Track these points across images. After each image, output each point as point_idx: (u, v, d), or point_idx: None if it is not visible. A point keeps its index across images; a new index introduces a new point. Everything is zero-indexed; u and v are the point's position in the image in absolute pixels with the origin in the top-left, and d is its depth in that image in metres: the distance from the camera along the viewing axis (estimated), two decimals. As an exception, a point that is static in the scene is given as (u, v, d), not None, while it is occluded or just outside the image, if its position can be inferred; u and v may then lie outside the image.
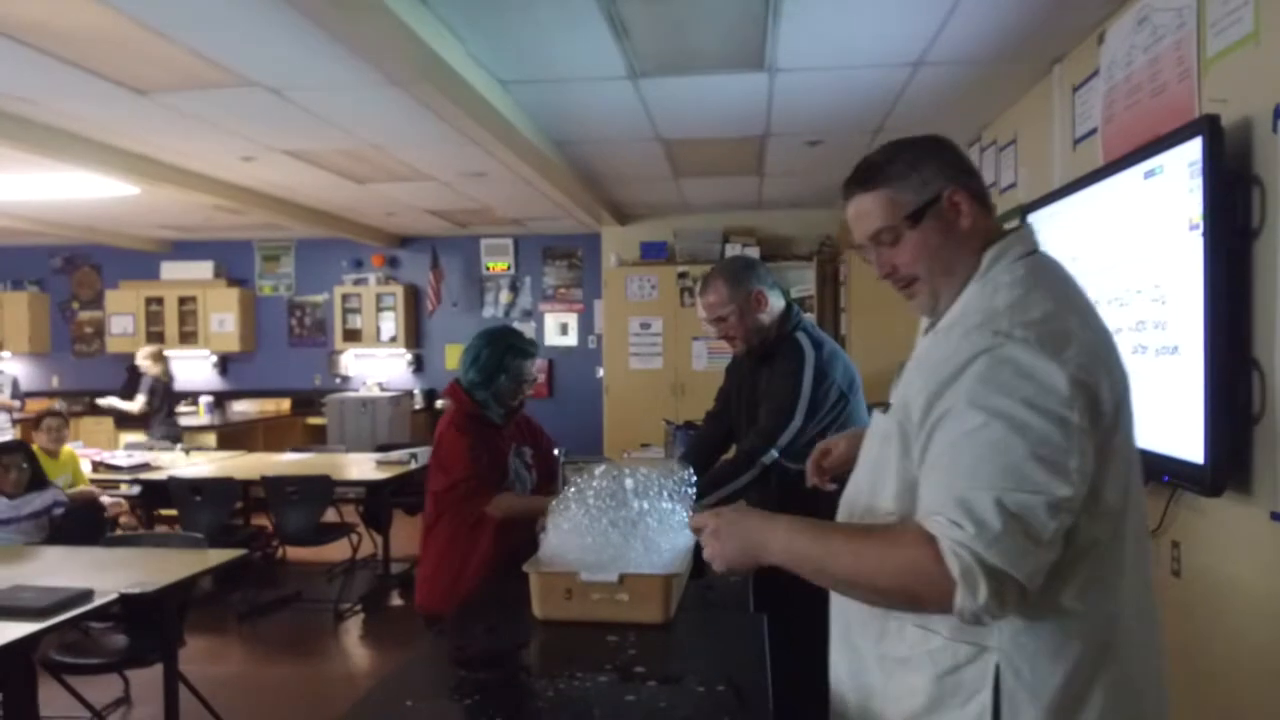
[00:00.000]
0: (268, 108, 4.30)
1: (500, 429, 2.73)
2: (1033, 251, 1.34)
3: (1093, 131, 3.33)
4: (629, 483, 2.03)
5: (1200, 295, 2.29)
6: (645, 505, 2.00)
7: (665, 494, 2.03)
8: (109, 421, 8.55)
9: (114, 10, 3.11)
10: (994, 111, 4.53)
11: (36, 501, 4.13)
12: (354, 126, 4.73)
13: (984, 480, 1.14)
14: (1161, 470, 2.50)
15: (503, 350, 2.67)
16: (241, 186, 6.43)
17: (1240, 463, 2.28)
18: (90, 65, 3.72)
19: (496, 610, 2.05)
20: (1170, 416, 2.44)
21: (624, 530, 1.95)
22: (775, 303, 2.61)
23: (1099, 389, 1.18)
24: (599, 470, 2.07)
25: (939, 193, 1.32)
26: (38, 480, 4.19)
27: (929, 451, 1.22)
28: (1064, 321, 1.21)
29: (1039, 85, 3.98)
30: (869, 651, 1.36)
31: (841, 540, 1.29)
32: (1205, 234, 2.28)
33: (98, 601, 2.71)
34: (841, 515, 1.45)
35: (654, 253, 7.95)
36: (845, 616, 1.41)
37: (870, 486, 1.37)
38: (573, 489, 2.04)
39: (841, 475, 1.63)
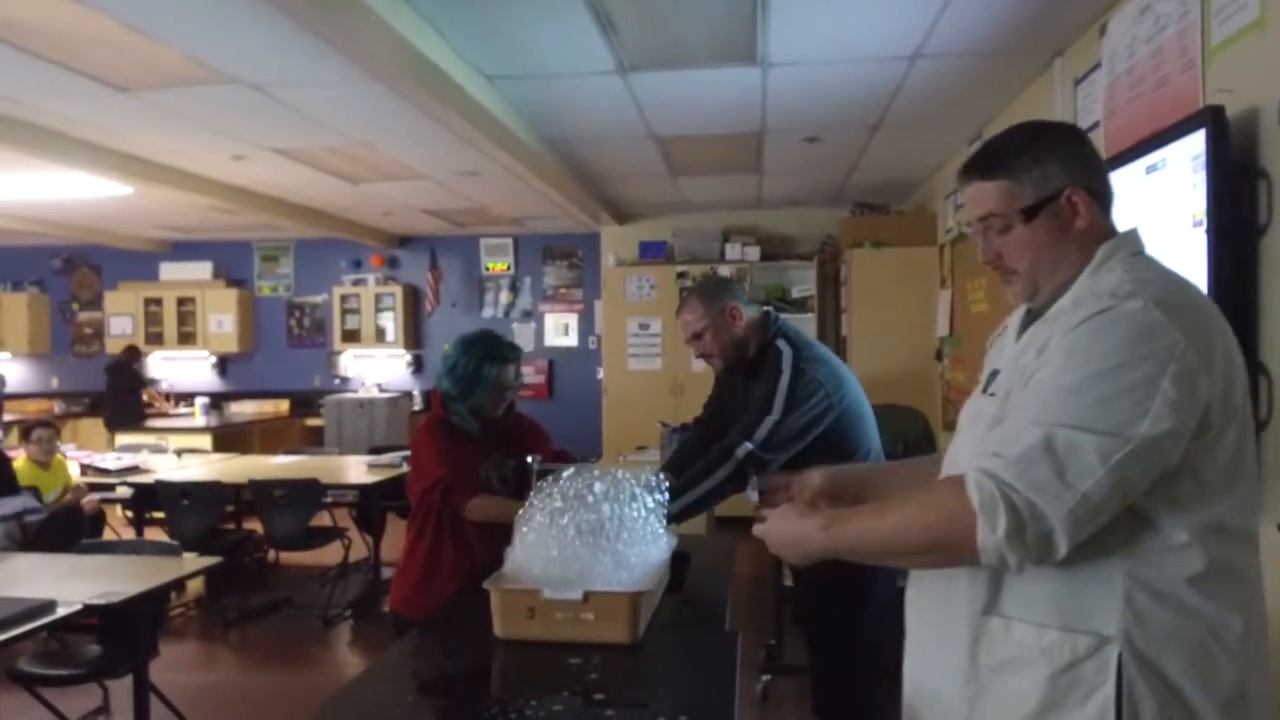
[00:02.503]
0: (252, 105, 4.23)
1: (475, 439, 2.63)
2: (1139, 252, 1.30)
3: (1095, 125, 3.22)
4: (598, 487, 1.93)
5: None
6: (616, 512, 1.90)
7: (637, 501, 1.93)
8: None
9: (92, 8, 3.04)
10: (995, 106, 4.42)
11: (5, 507, 4.06)
12: (341, 124, 4.65)
13: (1047, 415, 1.10)
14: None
15: (479, 359, 2.55)
16: (235, 186, 6.37)
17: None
18: (69, 62, 3.66)
19: (459, 628, 1.95)
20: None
21: (591, 543, 1.84)
22: (749, 315, 2.59)
23: (1201, 366, 1.12)
24: (566, 474, 1.97)
25: (1059, 190, 1.27)
26: (8, 486, 4.12)
27: (1015, 397, 1.20)
28: (1186, 296, 1.19)
29: (1040, 78, 3.86)
30: (960, 660, 1.25)
31: (872, 510, 1.28)
32: (1209, 231, 2.18)
33: (61, 613, 2.63)
34: None
35: (653, 252, 7.85)
36: (931, 622, 1.32)
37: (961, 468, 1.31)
38: (538, 495, 1.94)
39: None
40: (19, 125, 4.58)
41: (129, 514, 5.63)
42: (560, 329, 9.14)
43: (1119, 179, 2.66)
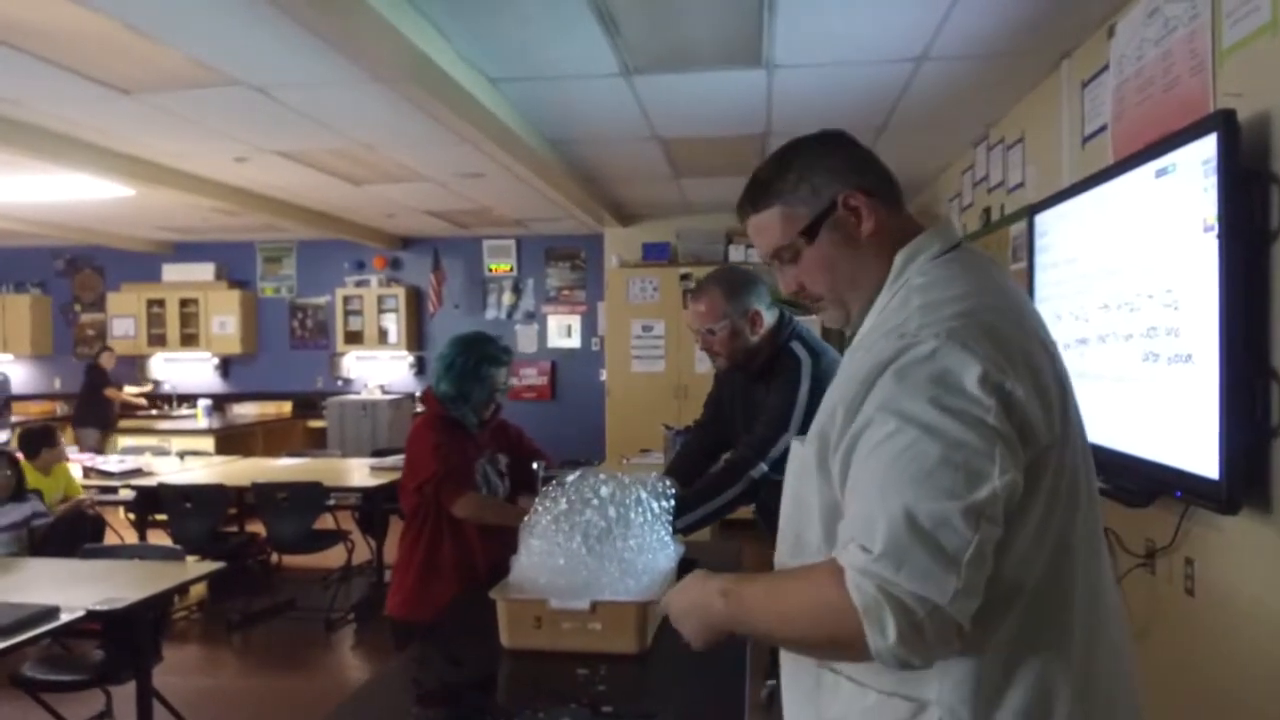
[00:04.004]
0: (254, 107, 4.21)
1: (472, 435, 2.63)
2: (953, 247, 1.21)
3: (1103, 129, 3.20)
4: (604, 491, 1.91)
5: (1215, 300, 2.15)
6: (623, 518, 1.88)
7: (643, 507, 1.91)
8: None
9: (93, 10, 3.02)
10: (1001, 109, 4.40)
11: (14, 513, 4.06)
12: (344, 126, 4.64)
13: (893, 493, 1.00)
14: (1173, 486, 2.37)
15: (477, 359, 2.56)
16: (237, 188, 6.36)
17: (1258, 479, 2.14)
18: (72, 65, 3.64)
19: (463, 637, 1.93)
20: (1183, 429, 2.31)
21: (598, 550, 1.83)
22: (769, 320, 2.46)
23: (1018, 392, 1.04)
24: (571, 478, 1.95)
25: (833, 200, 1.20)
26: (18, 491, 4.11)
27: (848, 475, 1.09)
28: (979, 319, 1.08)
29: (1047, 81, 3.84)
30: (809, 708, 1.20)
31: (764, 588, 1.16)
32: (1221, 235, 2.15)
33: (64, 619, 2.62)
34: (776, 561, 1.30)
35: (656, 254, 7.83)
36: (789, 668, 1.25)
37: (795, 524, 1.22)
38: (544, 500, 1.92)
39: None
40: (21, 127, 4.56)
41: (131, 517, 5.61)
42: (563, 330, 9.12)
43: (1129, 182, 2.66)
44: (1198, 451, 2.23)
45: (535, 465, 2.48)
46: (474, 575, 2.47)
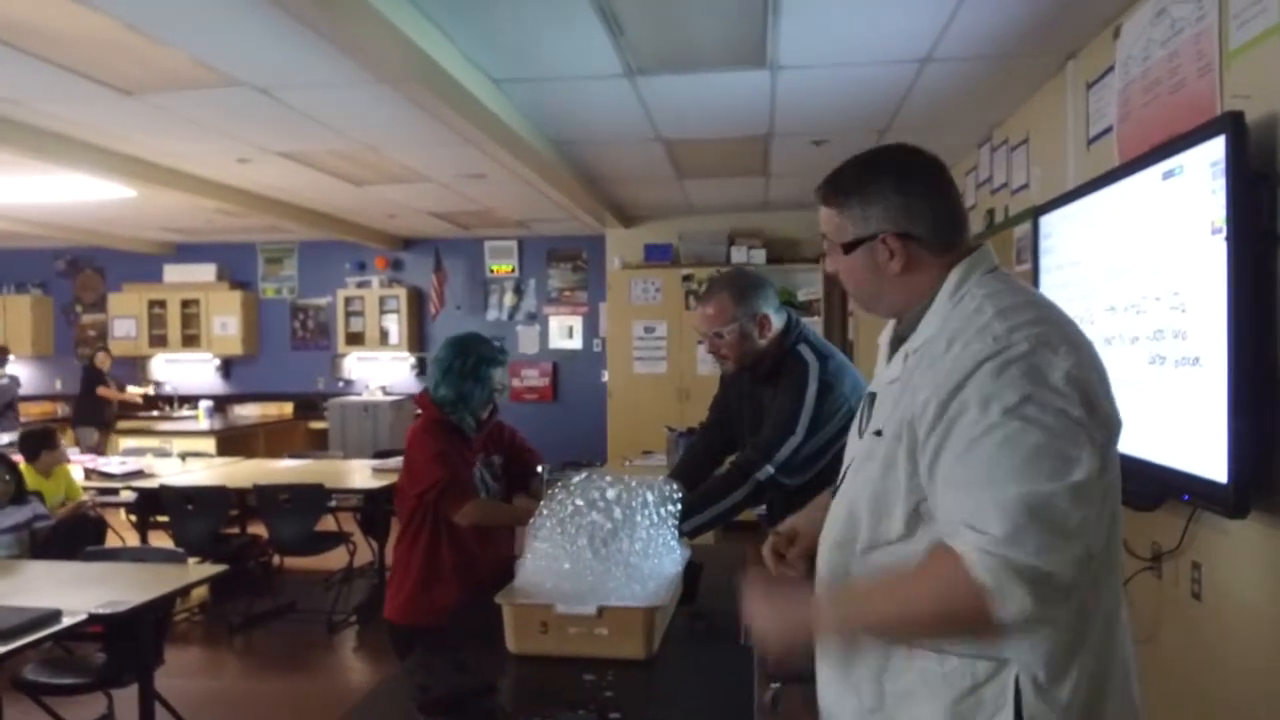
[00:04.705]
0: (257, 107, 4.20)
1: (469, 439, 2.61)
2: (994, 269, 1.35)
3: (1108, 130, 3.19)
4: (610, 493, 1.90)
5: (1223, 303, 2.14)
6: (628, 520, 1.87)
7: (650, 510, 1.90)
8: (109, 426, 8.51)
9: (94, 9, 3.01)
10: (1005, 110, 4.39)
11: (15, 515, 4.04)
12: (346, 127, 4.63)
13: (1000, 480, 1.13)
14: (1181, 489, 2.36)
15: (475, 361, 2.53)
16: (240, 189, 6.35)
17: (1266, 482, 2.13)
18: (74, 65, 3.64)
19: (468, 641, 1.92)
20: (1190, 432, 2.30)
21: (604, 555, 1.82)
22: (777, 325, 2.43)
23: (1095, 386, 1.20)
24: (576, 480, 1.93)
25: (875, 233, 1.32)
26: (19, 493, 4.10)
27: (940, 464, 1.20)
28: (1055, 324, 1.24)
29: (1052, 82, 3.83)
30: (868, 689, 1.29)
31: (882, 591, 1.26)
32: (1229, 238, 2.14)
33: (66, 622, 2.61)
34: (832, 554, 1.37)
35: (658, 255, 7.82)
36: (840, 652, 1.33)
37: (873, 515, 1.30)
38: (549, 503, 1.91)
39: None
40: (22, 128, 4.55)
41: (133, 518, 5.60)
42: (565, 332, 9.10)
43: (1136, 184, 2.65)
44: (1205, 454, 2.22)
45: (540, 468, 2.46)
46: (475, 578, 2.46)
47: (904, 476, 1.25)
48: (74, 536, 4.27)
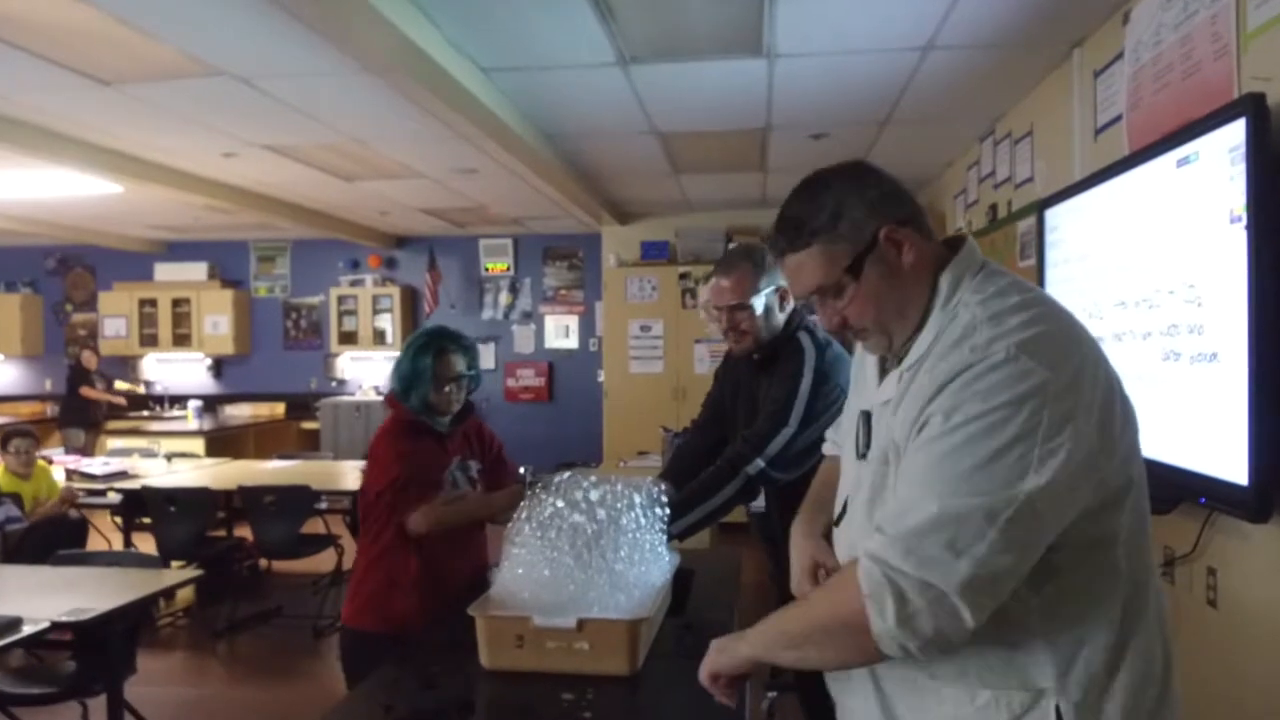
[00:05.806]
0: (239, 98, 4.09)
1: (443, 439, 2.49)
2: (983, 265, 1.25)
3: (1117, 119, 3.07)
4: (594, 494, 1.78)
5: (1243, 295, 2.03)
6: (612, 522, 1.75)
7: (636, 513, 1.78)
8: (98, 426, 8.39)
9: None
10: (1008, 101, 4.27)
11: (-14, 518, 3.93)
12: (333, 119, 4.51)
13: (929, 487, 1.06)
14: (1198, 491, 2.25)
15: (415, 351, 2.44)
16: (227, 185, 6.24)
17: (1289, 485, 2.02)
18: (49, 54, 3.53)
19: (438, 657, 1.80)
20: (1208, 432, 2.19)
21: (586, 561, 1.70)
22: (792, 303, 2.35)
23: (1081, 392, 1.10)
24: (558, 480, 1.82)
25: (874, 235, 1.21)
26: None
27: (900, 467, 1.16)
28: (1045, 329, 1.13)
29: (1057, 71, 3.72)
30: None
31: (796, 605, 1.22)
32: (1249, 226, 2.03)
33: (26, 631, 2.49)
34: (841, 539, 1.34)
35: (655, 253, 7.71)
36: (878, 689, 1.23)
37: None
38: (529, 506, 1.79)
39: None
40: (1, 120, 4.44)
41: (118, 520, 5.48)
42: (561, 331, 8.99)
43: (1147, 173, 2.53)
44: (1224, 456, 2.11)
45: (521, 469, 2.34)
46: (443, 586, 2.33)
47: (892, 485, 1.19)
48: (51, 539, 4.15)
